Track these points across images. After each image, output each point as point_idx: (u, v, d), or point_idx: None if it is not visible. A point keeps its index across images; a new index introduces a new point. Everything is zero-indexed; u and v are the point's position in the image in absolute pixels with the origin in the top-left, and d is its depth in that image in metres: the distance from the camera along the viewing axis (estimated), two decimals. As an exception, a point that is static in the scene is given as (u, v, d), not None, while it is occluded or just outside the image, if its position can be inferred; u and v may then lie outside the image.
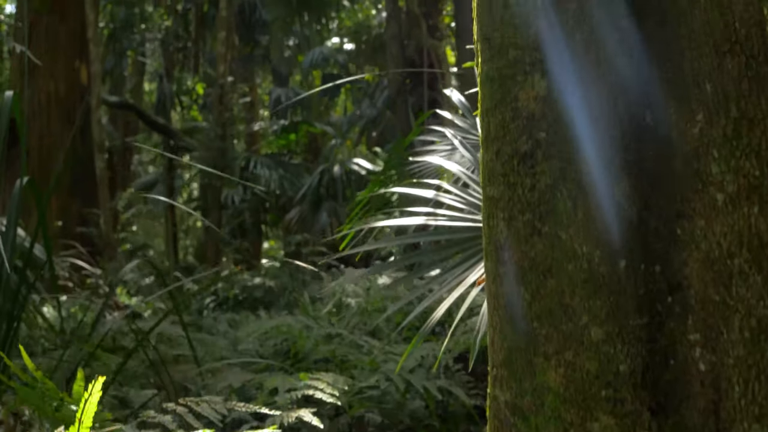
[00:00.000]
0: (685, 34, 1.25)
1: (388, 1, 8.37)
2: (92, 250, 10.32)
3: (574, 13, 1.26)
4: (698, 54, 1.24)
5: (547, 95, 1.28)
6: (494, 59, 1.34)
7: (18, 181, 3.64)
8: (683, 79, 1.25)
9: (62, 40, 11.26)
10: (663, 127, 1.25)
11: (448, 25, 15.76)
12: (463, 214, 2.34)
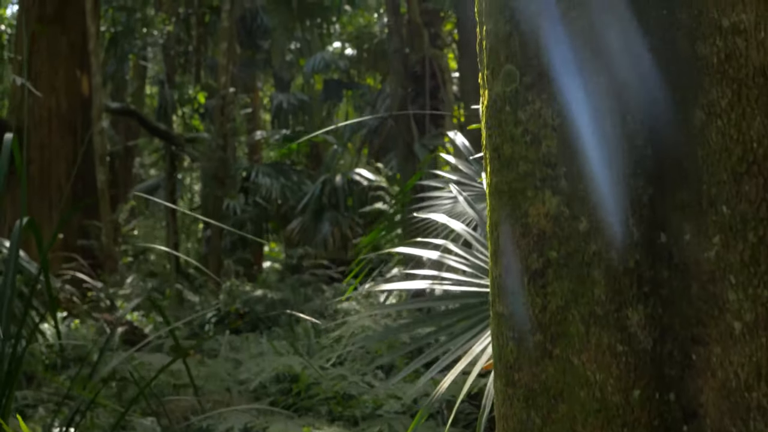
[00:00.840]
0: (702, 156, 1.21)
1: (390, 15, 8.32)
2: (93, 263, 10.30)
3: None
4: (715, 177, 1.20)
5: (558, 214, 1.24)
6: (503, 171, 1.31)
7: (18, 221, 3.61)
8: (699, 202, 1.21)
9: (63, 51, 11.24)
10: (678, 249, 1.21)
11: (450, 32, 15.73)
12: (468, 278, 2.31)
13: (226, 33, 10.95)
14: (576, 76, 1.25)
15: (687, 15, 1.25)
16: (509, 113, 1.30)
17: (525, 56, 1.29)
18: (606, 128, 1.23)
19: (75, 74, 11.50)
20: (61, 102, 11.45)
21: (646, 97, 1.24)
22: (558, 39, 1.27)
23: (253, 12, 16.94)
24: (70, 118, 11.47)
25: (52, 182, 11.33)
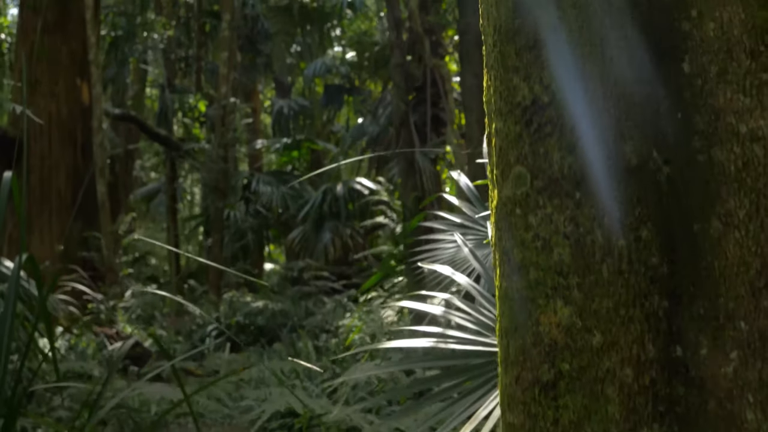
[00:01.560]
0: (719, 269, 1.18)
1: (391, 29, 8.27)
2: (94, 275, 10.26)
3: (600, 245, 1.19)
4: (733, 291, 1.17)
5: (570, 325, 1.21)
6: (513, 277, 1.27)
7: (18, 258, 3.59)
8: (716, 316, 1.17)
9: (64, 60, 11.19)
10: (695, 363, 1.18)
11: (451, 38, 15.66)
12: (474, 336, 2.28)
13: (227, 42, 10.90)
14: (590, 185, 1.21)
15: (703, 120, 1.21)
16: (520, 216, 1.27)
17: (536, 159, 1.25)
18: (620, 241, 1.19)
19: (75, 82, 11.46)
20: (61, 110, 11.41)
21: (662, 209, 1.20)
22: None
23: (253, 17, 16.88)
24: (70, 127, 11.43)
25: (52, 191, 11.29)
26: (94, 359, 7.97)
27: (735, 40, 1.22)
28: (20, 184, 3.28)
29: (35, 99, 11.17)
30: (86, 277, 10.02)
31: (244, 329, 9.21)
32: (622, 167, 1.19)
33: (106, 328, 8.78)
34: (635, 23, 1.23)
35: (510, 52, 1.29)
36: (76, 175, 11.38)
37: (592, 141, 1.21)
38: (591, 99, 1.21)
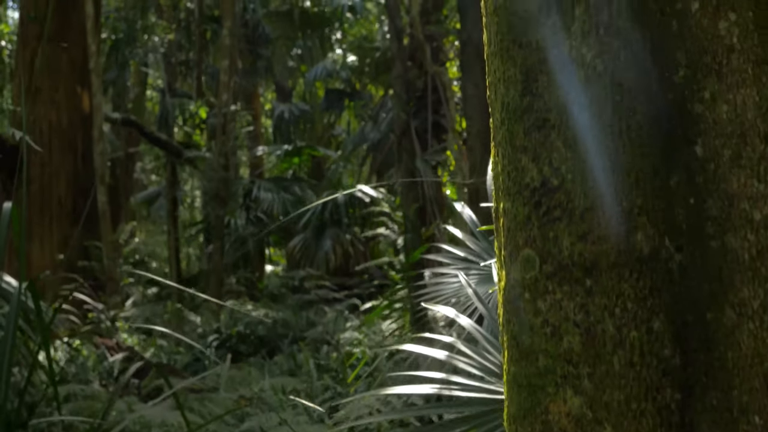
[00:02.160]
0: (733, 360, 1.15)
1: (393, 39, 8.24)
2: (94, 284, 10.24)
3: (611, 335, 1.17)
4: (747, 384, 1.14)
5: (581, 416, 1.18)
6: (522, 363, 1.24)
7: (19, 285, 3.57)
8: (730, 408, 1.15)
9: (64, 68, 11.16)
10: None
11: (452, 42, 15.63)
12: (478, 383, 2.25)
13: (228, 50, 10.87)
14: (601, 274, 1.18)
15: (716, 206, 1.19)
16: (528, 301, 1.24)
17: (545, 243, 1.23)
18: (632, 333, 1.16)
19: (75, 90, 11.43)
20: (61, 118, 11.38)
21: (674, 298, 1.17)
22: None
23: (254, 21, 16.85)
24: (70, 135, 11.40)
25: (53, 199, 11.27)
26: (94, 371, 7.95)
27: (749, 123, 1.20)
28: (20, 191, 3.24)
29: (35, 107, 11.15)
30: (87, 286, 10.01)
31: (245, 339, 9.19)
32: (633, 257, 1.17)
33: (107, 340, 8.76)
34: (646, 105, 1.20)
35: (518, 131, 1.27)
36: (76, 183, 11.36)
37: (603, 229, 1.18)
38: (602, 185, 1.18)
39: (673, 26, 1.21)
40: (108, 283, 10.10)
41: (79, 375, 7.71)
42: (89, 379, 7.71)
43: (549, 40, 1.25)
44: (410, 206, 8.00)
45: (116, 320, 9.74)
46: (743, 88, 1.21)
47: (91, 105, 11.14)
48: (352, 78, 17.60)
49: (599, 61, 1.21)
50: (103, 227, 10.32)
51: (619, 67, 1.20)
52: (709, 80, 1.20)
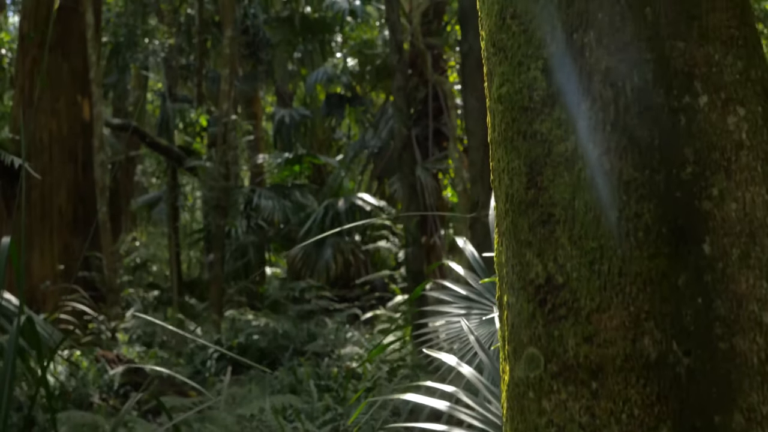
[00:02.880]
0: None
1: (393, 52, 8.22)
2: (95, 295, 10.22)
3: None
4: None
5: None
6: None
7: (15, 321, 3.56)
8: None
9: (64, 77, 11.14)
10: None
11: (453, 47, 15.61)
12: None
13: (228, 59, 10.85)
14: (607, 378, 1.16)
15: (724, 306, 1.16)
16: (533, 400, 1.22)
17: (550, 342, 1.20)
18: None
19: (76, 99, 11.41)
20: (62, 127, 11.36)
21: (682, 403, 1.15)
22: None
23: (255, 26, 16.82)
24: (71, 144, 11.39)
25: (53, 208, 11.25)
26: (94, 385, 7.93)
27: (758, 222, 1.18)
28: (21, 201, 3.23)
29: (36, 116, 11.12)
30: (87, 297, 9.99)
31: (246, 351, 9.16)
32: (641, 363, 1.15)
33: (107, 352, 8.74)
34: (654, 204, 1.18)
35: (523, 225, 1.24)
36: (77, 192, 11.34)
37: (609, 332, 1.16)
38: (609, 288, 1.16)
39: (681, 121, 1.19)
40: (108, 294, 10.07)
41: (79, 389, 7.69)
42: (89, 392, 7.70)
43: (554, 134, 1.23)
44: (411, 219, 7.97)
45: (116, 331, 9.72)
46: (752, 186, 1.18)
47: (92, 114, 11.12)
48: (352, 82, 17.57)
49: (606, 159, 1.19)
50: (104, 238, 10.30)
51: (626, 166, 1.18)
52: (717, 177, 1.18)
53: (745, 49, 1.23)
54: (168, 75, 18.74)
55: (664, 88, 1.19)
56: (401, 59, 8.21)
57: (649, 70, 1.19)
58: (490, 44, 1.32)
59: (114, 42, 17.85)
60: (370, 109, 17.77)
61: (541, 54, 1.25)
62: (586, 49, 1.21)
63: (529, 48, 1.26)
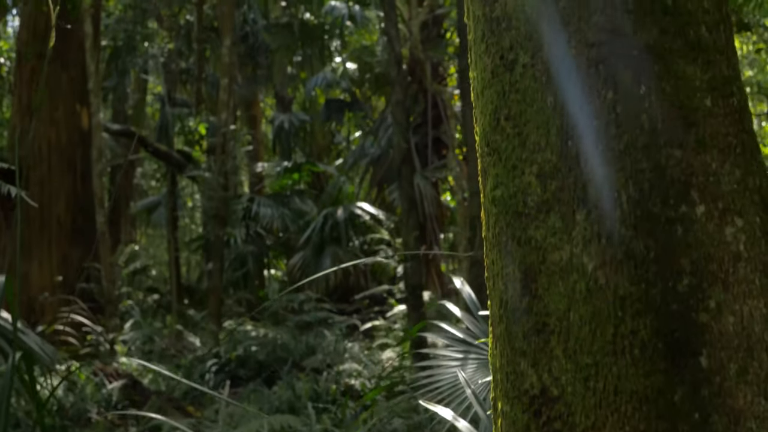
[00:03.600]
0: None
1: (392, 65, 8.18)
2: (93, 306, 10.20)
3: None
4: None
5: None
6: None
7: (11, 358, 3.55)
8: None
9: (63, 86, 11.12)
10: None
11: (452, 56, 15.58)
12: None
13: (227, 69, 10.82)
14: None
15: (722, 422, 1.14)
16: None
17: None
18: None
19: (75, 108, 11.39)
20: (60, 136, 11.34)
21: None
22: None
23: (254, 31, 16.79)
24: (69, 153, 11.37)
25: (52, 218, 11.23)
26: (92, 400, 7.91)
27: (756, 337, 1.16)
28: (20, 210, 3.21)
29: (34, 125, 11.11)
30: (86, 308, 9.97)
31: (245, 363, 9.15)
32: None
33: (106, 366, 8.72)
34: (650, 319, 1.16)
35: (517, 333, 1.23)
36: (75, 202, 11.32)
37: (604, 452, 1.14)
38: (604, 407, 1.14)
39: (677, 231, 1.17)
40: (107, 306, 10.05)
41: (77, 404, 7.67)
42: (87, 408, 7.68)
43: (549, 242, 1.21)
44: (410, 233, 7.96)
45: (115, 343, 9.70)
46: (750, 299, 1.17)
47: (91, 123, 11.10)
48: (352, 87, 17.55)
49: (601, 273, 1.17)
50: (102, 249, 10.28)
51: (622, 280, 1.16)
52: (714, 289, 1.17)
53: (743, 157, 1.21)
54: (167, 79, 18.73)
55: (660, 198, 1.17)
56: (400, 72, 8.18)
57: (646, 180, 1.18)
58: (484, 143, 1.30)
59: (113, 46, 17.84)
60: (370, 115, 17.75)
61: (535, 159, 1.23)
62: (581, 157, 1.19)
63: (524, 152, 1.24)
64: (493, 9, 1.29)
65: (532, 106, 1.24)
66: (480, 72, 1.31)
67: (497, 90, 1.28)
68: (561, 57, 1.21)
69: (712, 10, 1.25)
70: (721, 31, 1.25)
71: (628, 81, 1.19)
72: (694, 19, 1.23)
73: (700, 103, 1.20)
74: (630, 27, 1.20)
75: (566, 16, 1.22)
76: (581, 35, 1.21)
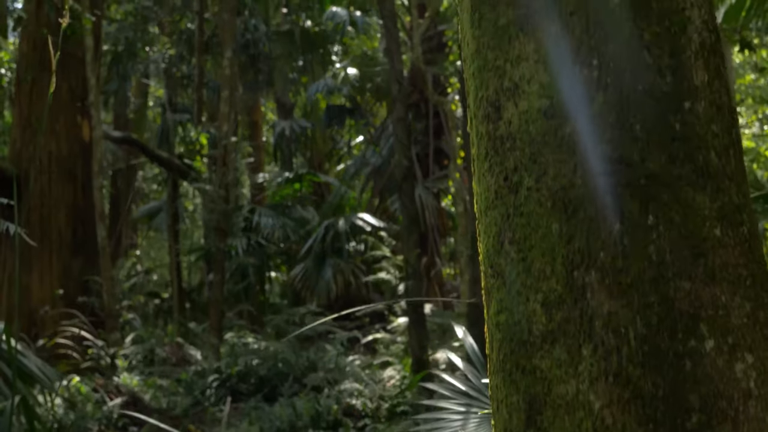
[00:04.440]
0: None
1: (393, 81, 8.15)
2: (94, 320, 10.18)
3: None
4: None
5: None
6: None
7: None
8: None
9: (64, 98, 11.09)
10: None
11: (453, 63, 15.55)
12: None
13: (228, 81, 10.79)
14: None
15: None
16: None
17: None
18: None
19: (75, 120, 11.36)
20: (61, 148, 11.31)
21: None
22: None
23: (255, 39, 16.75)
24: (70, 164, 11.34)
25: (53, 230, 11.20)
26: (93, 417, 7.90)
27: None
28: (20, 222, 3.16)
29: (35, 136, 11.08)
30: (86, 322, 9.95)
31: (245, 378, 9.13)
32: None
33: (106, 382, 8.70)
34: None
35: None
36: (76, 214, 11.30)
37: None
38: None
39: (686, 366, 1.15)
40: (107, 320, 10.03)
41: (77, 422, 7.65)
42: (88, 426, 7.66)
43: (554, 373, 1.18)
44: (412, 252, 7.93)
45: (116, 357, 9.68)
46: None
47: (91, 134, 11.07)
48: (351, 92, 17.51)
49: (608, 412, 1.14)
50: (103, 263, 10.25)
51: (629, 421, 1.13)
52: (724, 427, 1.14)
53: (753, 290, 1.18)
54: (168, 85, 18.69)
55: (668, 332, 1.15)
56: (401, 89, 8.16)
57: (654, 314, 1.15)
58: (488, 265, 1.27)
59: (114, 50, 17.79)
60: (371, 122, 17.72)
61: (540, 287, 1.20)
62: (587, 290, 1.17)
63: (528, 278, 1.21)
64: (497, 127, 1.27)
65: (537, 231, 1.21)
66: (483, 191, 1.29)
67: (501, 212, 1.25)
68: (566, 185, 1.19)
69: (722, 134, 1.22)
70: (731, 155, 1.22)
71: (635, 211, 1.16)
72: (703, 143, 1.20)
73: (710, 232, 1.18)
74: (637, 155, 1.18)
75: (572, 143, 1.19)
76: (587, 164, 1.18)
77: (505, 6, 1.27)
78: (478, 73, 1.30)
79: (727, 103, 1.24)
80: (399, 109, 8.15)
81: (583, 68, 1.20)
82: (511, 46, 1.26)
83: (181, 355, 10.86)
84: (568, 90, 1.20)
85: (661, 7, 1.22)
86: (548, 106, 1.21)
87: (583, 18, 1.21)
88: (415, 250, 7.99)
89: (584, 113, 1.19)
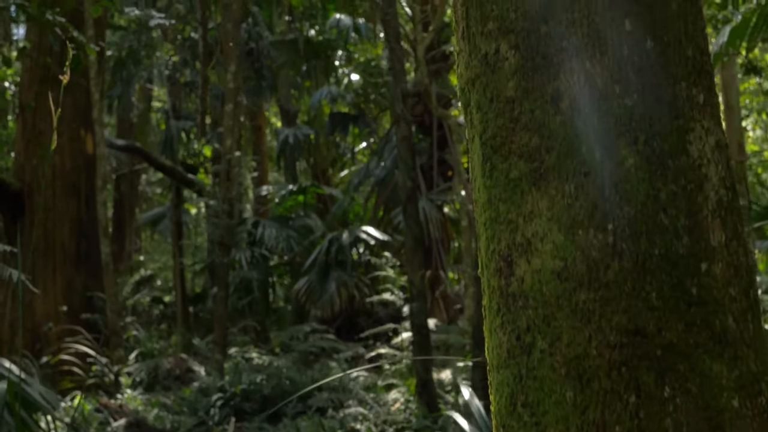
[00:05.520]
0: None
1: (397, 101, 8.12)
2: (98, 337, 10.18)
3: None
4: None
5: None
6: None
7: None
8: None
9: (67, 112, 11.06)
10: None
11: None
12: None
13: (232, 94, 10.77)
14: None
15: None
16: None
17: None
18: None
19: (78, 133, 11.35)
20: (65, 162, 11.30)
21: None
22: None
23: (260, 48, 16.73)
24: (73, 179, 11.33)
25: (56, 244, 11.19)
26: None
27: None
28: (24, 237, 3.15)
29: (38, 150, 11.07)
30: (90, 339, 9.94)
31: (249, 397, 9.12)
32: None
33: (110, 402, 8.70)
34: None
35: None
36: (79, 228, 11.28)
37: None
38: None
39: None
40: (111, 337, 10.03)
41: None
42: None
43: None
44: (416, 272, 7.91)
45: (120, 375, 9.68)
46: None
47: (95, 149, 11.06)
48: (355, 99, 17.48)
49: None
50: (106, 279, 10.25)
51: None
52: None
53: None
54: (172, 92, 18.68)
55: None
56: (405, 108, 8.13)
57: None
58: (500, 424, 1.25)
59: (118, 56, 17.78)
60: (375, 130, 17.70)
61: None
62: None
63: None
64: (509, 283, 1.24)
65: (551, 396, 1.18)
66: (495, 347, 1.26)
67: (513, 373, 1.22)
68: (581, 355, 1.16)
69: (740, 298, 1.19)
70: (749, 320, 1.19)
71: (651, 383, 1.14)
72: (721, 308, 1.18)
73: (727, 403, 1.15)
74: (654, 325, 1.15)
75: (587, 311, 1.16)
76: (602, 335, 1.15)
77: (517, 158, 1.24)
78: (489, 225, 1.28)
79: (745, 263, 1.22)
80: (403, 128, 8.12)
81: (597, 233, 1.17)
82: (523, 201, 1.23)
83: (185, 368, 10.85)
84: (583, 254, 1.18)
85: (677, 164, 1.20)
86: (562, 268, 1.19)
87: (598, 179, 1.18)
88: (419, 272, 7.97)
89: (599, 280, 1.16)
